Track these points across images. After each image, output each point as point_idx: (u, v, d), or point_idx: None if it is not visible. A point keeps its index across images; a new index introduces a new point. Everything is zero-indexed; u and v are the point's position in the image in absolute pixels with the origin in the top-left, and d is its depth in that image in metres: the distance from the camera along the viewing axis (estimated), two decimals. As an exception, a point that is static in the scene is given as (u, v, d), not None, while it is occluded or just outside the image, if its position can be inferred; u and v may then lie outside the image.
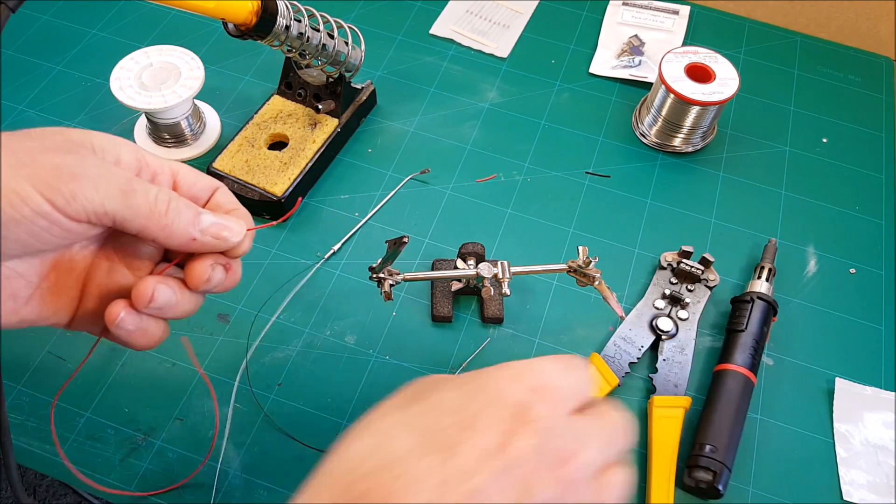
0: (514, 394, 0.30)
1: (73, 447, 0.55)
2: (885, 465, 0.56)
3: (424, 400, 0.31)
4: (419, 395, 0.32)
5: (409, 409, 0.31)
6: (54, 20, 0.82)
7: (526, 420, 0.29)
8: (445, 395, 0.31)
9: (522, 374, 0.32)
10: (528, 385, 0.31)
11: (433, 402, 0.31)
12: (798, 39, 0.86)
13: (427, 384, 0.33)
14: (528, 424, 0.29)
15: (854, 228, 0.70)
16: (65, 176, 0.30)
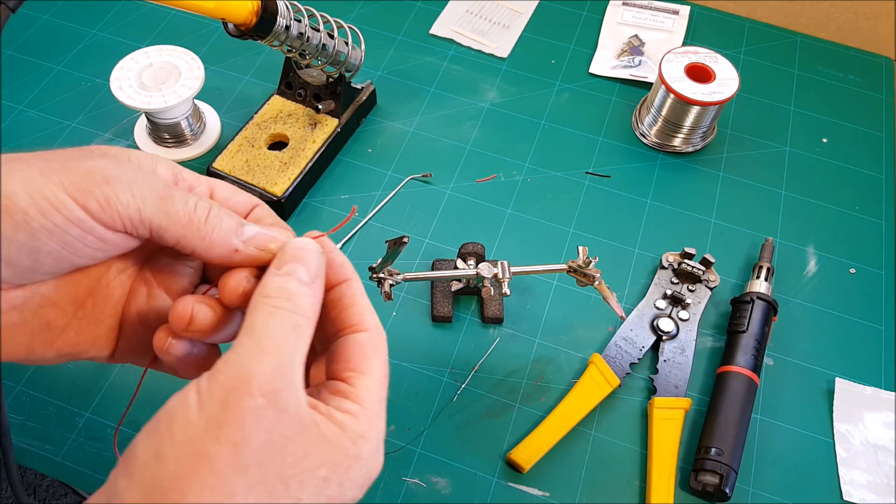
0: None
1: (73, 447, 0.55)
2: (885, 465, 0.56)
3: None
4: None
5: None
6: (54, 20, 0.82)
7: None
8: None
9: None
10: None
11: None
12: (798, 39, 0.86)
13: None
14: None
15: (854, 228, 0.70)
16: (98, 179, 0.28)
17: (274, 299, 0.29)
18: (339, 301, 0.32)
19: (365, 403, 0.30)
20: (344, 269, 0.34)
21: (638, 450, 0.56)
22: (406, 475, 0.55)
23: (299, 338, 0.28)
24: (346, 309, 0.32)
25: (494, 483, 0.55)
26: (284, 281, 0.30)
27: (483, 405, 0.58)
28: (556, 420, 0.56)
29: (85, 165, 0.29)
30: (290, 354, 0.27)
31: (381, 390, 0.31)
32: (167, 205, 0.30)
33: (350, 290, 0.33)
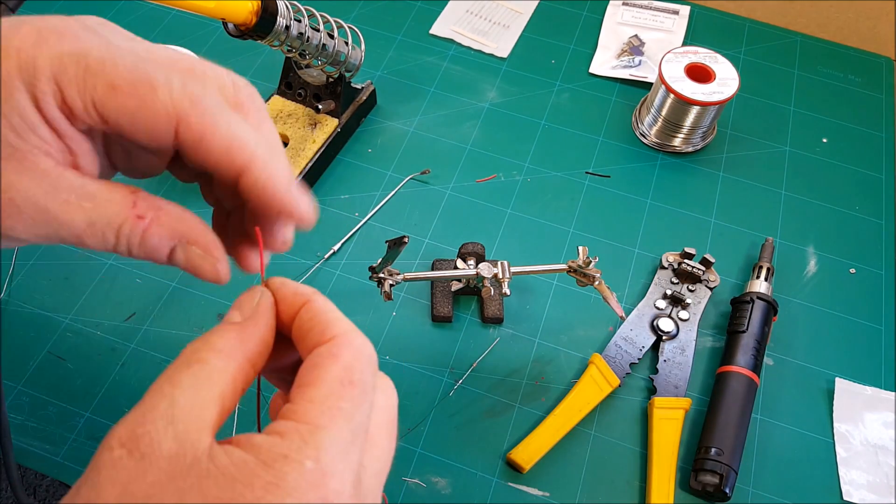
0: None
1: (73, 447, 0.55)
2: (885, 465, 0.56)
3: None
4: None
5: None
6: (54, 20, 0.82)
7: None
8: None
9: None
10: None
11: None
12: (798, 39, 0.86)
13: None
14: None
15: (854, 228, 0.70)
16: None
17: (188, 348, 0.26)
18: (303, 326, 0.28)
19: (302, 417, 0.24)
20: (299, 296, 0.29)
21: (638, 450, 0.56)
22: (406, 475, 0.55)
23: (198, 374, 0.24)
24: (311, 330, 0.27)
25: (494, 483, 0.55)
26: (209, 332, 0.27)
27: (483, 405, 0.58)
28: (556, 420, 0.56)
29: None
30: (169, 395, 0.23)
31: (333, 399, 0.25)
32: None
33: (310, 311, 0.28)
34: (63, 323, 0.60)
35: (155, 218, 0.27)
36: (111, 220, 0.26)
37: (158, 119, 0.25)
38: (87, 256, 0.64)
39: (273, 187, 0.28)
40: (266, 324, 0.28)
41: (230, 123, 0.27)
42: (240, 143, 0.26)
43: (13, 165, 0.25)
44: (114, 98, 0.25)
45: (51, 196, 0.25)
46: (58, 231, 0.26)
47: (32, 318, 0.60)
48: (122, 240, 0.27)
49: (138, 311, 0.61)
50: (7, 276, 0.63)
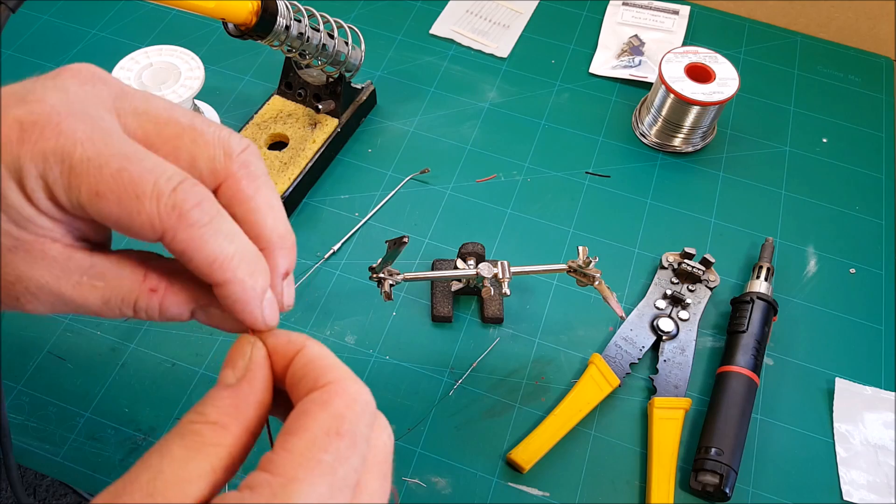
0: None
1: (73, 447, 0.55)
2: (885, 465, 0.56)
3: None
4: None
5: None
6: (54, 20, 0.82)
7: None
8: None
9: None
10: None
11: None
12: (798, 39, 0.86)
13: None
14: None
15: (854, 228, 0.70)
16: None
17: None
18: (297, 374, 0.26)
19: (277, 469, 0.23)
20: (292, 343, 0.27)
21: (638, 450, 0.56)
22: (406, 475, 0.55)
23: (190, 445, 0.23)
24: (304, 377, 0.26)
25: (494, 483, 0.55)
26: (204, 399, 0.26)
27: (483, 405, 0.58)
28: (556, 420, 0.56)
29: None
30: (155, 467, 0.23)
31: (314, 451, 0.23)
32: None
33: (304, 358, 0.26)
34: (63, 323, 0.60)
35: (168, 288, 0.27)
36: (125, 298, 0.27)
37: (144, 228, 0.25)
38: (87, 256, 0.64)
39: (243, 307, 0.27)
40: (262, 382, 0.26)
41: (216, 239, 0.25)
42: (220, 264, 0.26)
43: (21, 256, 0.25)
44: (98, 203, 0.24)
45: (63, 280, 0.26)
46: (76, 310, 0.27)
47: (32, 318, 0.60)
48: (139, 312, 0.27)
49: (138, 311, 0.61)
50: (7, 276, 0.63)
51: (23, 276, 0.25)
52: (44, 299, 0.26)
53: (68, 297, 0.26)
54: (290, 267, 0.30)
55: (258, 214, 0.28)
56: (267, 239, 0.28)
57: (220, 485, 0.24)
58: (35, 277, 0.25)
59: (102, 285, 0.26)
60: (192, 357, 0.59)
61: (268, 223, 0.28)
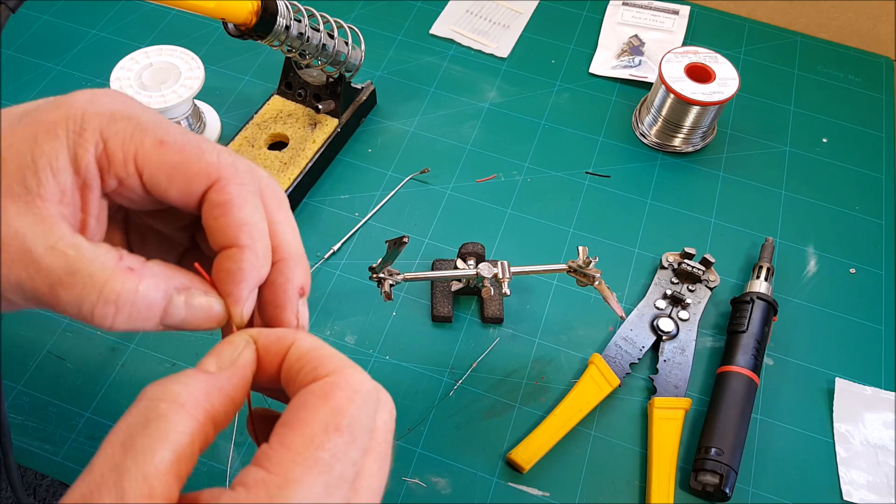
0: None
1: (73, 447, 0.55)
2: (885, 465, 0.56)
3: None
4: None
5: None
6: (54, 20, 0.82)
7: None
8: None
9: None
10: None
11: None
12: (798, 39, 0.86)
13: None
14: None
15: (854, 228, 0.70)
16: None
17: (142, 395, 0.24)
18: (292, 368, 0.26)
19: (274, 467, 0.22)
20: (283, 339, 0.27)
21: (638, 450, 0.56)
22: (406, 475, 0.55)
23: (153, 434, 0.22)
24: (301, 370, 0.25)
25: (494, 483, 0.55)
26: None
27: (483, 405, 0.58)
28: (556, 420, 0.56)
29: None
30: (119, 464, 0.22)
31: (312, 448, 0.23)
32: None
33: (298, 351, 0.26)
34: (63, 323, 0.60)
35: (145, 268, 0.25)
36: (94, 273, 0.24)
37: (199, 175, 0.26)
38: (87, 256, 0.64)
39: (247, 273, 0.27)
40: (240, 380, 0.25)
41: (253, 205, 0.27)
42: (248, 229, 0.27)
43: (18, 207, 0.24)
44: (159, 151, 0.25)
45: (38, 239, 0.24)
46: (32, 278, 0.24)
47: (32, 318, 0.60)
48: (108, 297, 0.24)
49: (138, 311, 0.61)
50: (7, 276, 0.63)
51: (6, 221, 0.24)
52: (7, 254, 0.24)
53: (34, 258, 0.24)
54: (306, 284, 0.30)
55: (279, 227, 0.29)
56: (285, 250, 0.29)
57: (183, 476, 0.23)
58: (16, 226, 0.24)
59: (74, 254, 0.24)
60: (192, 357, 0.59)
61: (287, 237, 0.29)
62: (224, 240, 0.26)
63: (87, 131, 0.25)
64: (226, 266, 0.26)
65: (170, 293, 0.26)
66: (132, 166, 0.26)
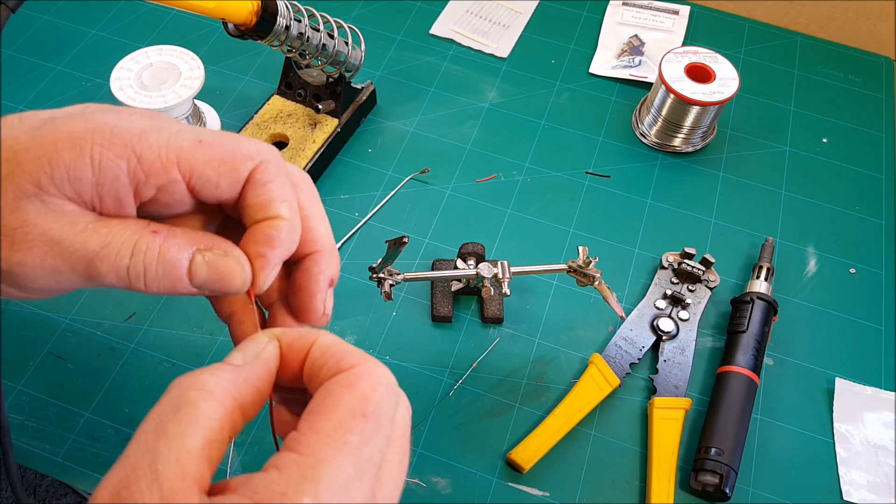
0: None
1: (73, 447, 0.55)
2: (885, 465, 0.56)
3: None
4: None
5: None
6: (54, 20, 0.82)
7: None
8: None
9: None
10: None
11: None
12: (798, 39, 0.86)
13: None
14: None
15: (854, 228, 0.70)
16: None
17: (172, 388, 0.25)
18: (316, 364, 0.27)
19: (305, 449, 0.23)
20: (305, 337, 0.28)
21: (638, 450, 0.56)
22: (406, 475, 0.55)
23: (185, 419, 0.23)
24: (324, 365, 0.26)
25: (494, 483, 0.55)
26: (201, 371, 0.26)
27: (483, 405, 0.58)
28: (556, 420, 0.56)
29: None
30: (153, 448, 0.22)
31: (339, 431, 0.24)
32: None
33: (321, 347, 0.27)
34: (63, 323, 0.60)
35: (170, 231, 0.27)
36: (126, 240, 0.26)
37: (245, 160, 0.27)
38: (87, 256, 0.64)
39: (280, 242, 0.28)
40: (266, 372, 0.27)
41: (287, 184, 0.29)
42: (286, 203, 0.28)
43: (37, 206, 0.25)
44: (201, 150, 0.27)
45: (67, 229, 0.26)
46: (69, 261, 0.26)
47: (32, 318, 0.60)
48: (137, 258, 0.26)
49: (138, 311, 0.61)
50: (7, 276, 0.63)
51: (29, 221, 0.25)
52: (40, 249, 0.25)
53: (66, 244, 0.25)
54: (335, 276, 0.31)
55: (314, 221, 0.30)
56: (320, 242, 0.30)
57: (214, 461, 0.23)
58: (40, 223, 0.25)
59: (105, 230, 0.26)
60: (192, 357, 0.59)
61: (322, 230, 0.30)
62: (263, 213, 0.28)
63: (116, 146, 0.26)
64: (263, 231, 0.28)
65: (191, 253, 0.27)
66: (175, 171, 0.27)
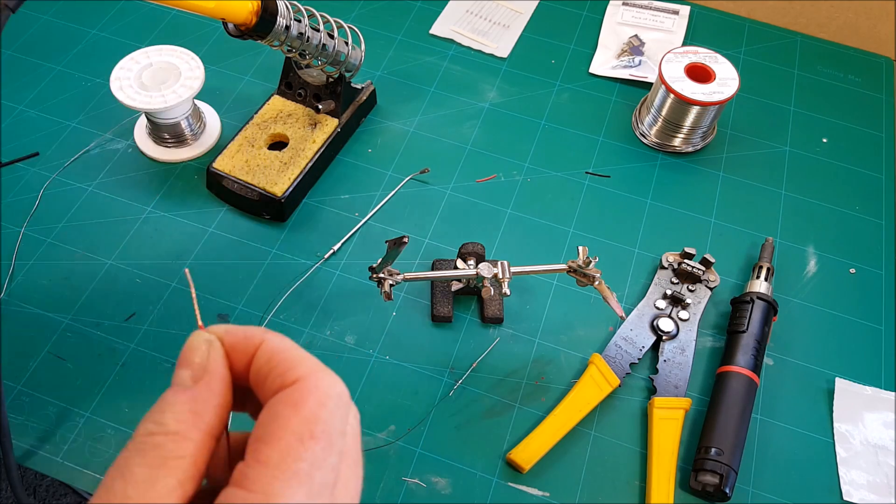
0: None
1: (73, 447, 0.55)
2: (885, 465, 0.56)
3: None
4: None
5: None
6: (54, 20, 0.82)
7: None
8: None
9: None
10: None
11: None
12: (798, 39, 0.86)
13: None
14: None
15: (854, 228, 0.70)
16: None
17: (137, 428, 0.24)
18: (261, 370, 0.25)
19: (252, 485, 0.22)
20: (250, 338, 0.26)
21: (638, 450, 0.56)
22: (406, 475, 0.55)
23: (153, 462, 0.22)
24: (270, 373, 0.25)
25: (494, 483, 0.55)
26: (158, 401, 0.24)
27: (483, 405, 0.58)
28: (556, 420, 0.56)
29: None
30: (121, 493, 0.22)
31: (290, 461, 0.22)
32: None
33: (266, 353, 0.25)
34: (63, 323, 0.60)
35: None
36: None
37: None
38: (87, 256, 0.64)
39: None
40: (220, 383, 0.25)
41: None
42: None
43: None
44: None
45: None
46: None
47: (32, 318, 0.60)
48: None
49: (138, 311, 0.61)
50: (7, 276, 0.63)
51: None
52: None
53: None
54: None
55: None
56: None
57: (189, 496, 0.23)
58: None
59: None
60: (192, 357, 0.59)
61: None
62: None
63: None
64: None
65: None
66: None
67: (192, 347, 0.25)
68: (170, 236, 0.66)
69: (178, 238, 0.66)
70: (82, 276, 0.63)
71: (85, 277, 0.63)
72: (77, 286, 0.62)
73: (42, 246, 0.64)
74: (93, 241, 0.65)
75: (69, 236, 0.65)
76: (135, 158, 0.71)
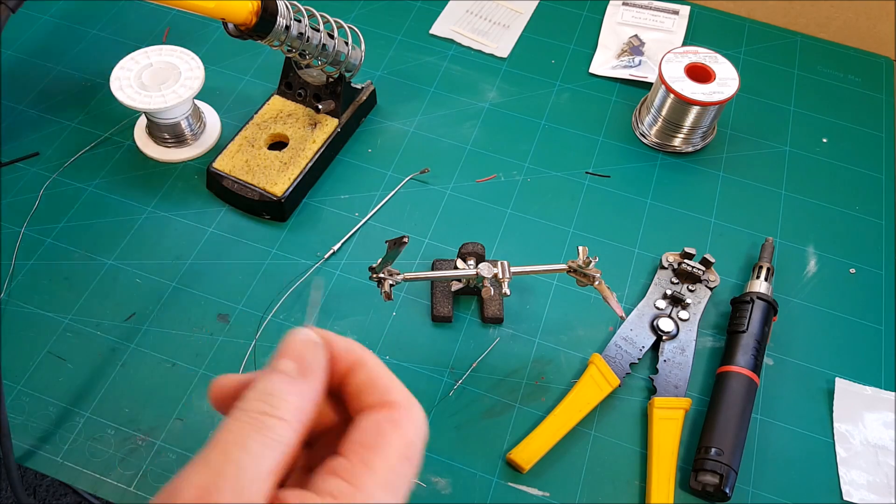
0: None
1: (73, 447, 0.55)
2: (885, 465, 0.56)
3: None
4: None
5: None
6: (54, 20, 0.82)
7: None
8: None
9: None
10: None
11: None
12: (798, 39, 0.86)
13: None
14: None
15: (854, 228, 0.70)
16: None
17: (245, 401, 0.25)
18: (358, 385, 0.28)
19: (357, 482, 0.24)
20: (351, 353, 0.29)
21: (638, 450, 0.56)
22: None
23: (266, 441, 0.24)
24: (366, 391, 0.28)
25: (494, 483, 0.55)
26: (264, 381, 0.26)
27: (483, 405, 0.58)
28: (556, 420, 0.56)
29: None
30: (237, 461, 0.23)
31: (391, 474, 0.25)
32: None
33: (366, 372, 0.28)
34: (63, 323, 0.60)
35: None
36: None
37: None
38: (87, 256, 0.64)
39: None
40: (322, 385, 0.27)
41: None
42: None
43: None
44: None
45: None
46: None
47: (32, 318, 0.60)
48: None
49: (138, 311, 0.61)
50: (7, 276, 0.63)
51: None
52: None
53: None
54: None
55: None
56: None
57: (278, 482, 0.25)
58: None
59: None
60: (192, 357, 0.59)
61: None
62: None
63: None
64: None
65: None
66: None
67: (302, 342, 0.27)
68: (170, 236, 0.66)
69: (178, 238, 0.66)
70: (82, 276, 0.63)
71: (85, 277, 0.63)
72: (77, 286, 0.62)
73: (42, 246, 0.64)
74: (93, 241, 0.65)
75: (69, 236, 0.65)
76: (135, 158, 0.71)
